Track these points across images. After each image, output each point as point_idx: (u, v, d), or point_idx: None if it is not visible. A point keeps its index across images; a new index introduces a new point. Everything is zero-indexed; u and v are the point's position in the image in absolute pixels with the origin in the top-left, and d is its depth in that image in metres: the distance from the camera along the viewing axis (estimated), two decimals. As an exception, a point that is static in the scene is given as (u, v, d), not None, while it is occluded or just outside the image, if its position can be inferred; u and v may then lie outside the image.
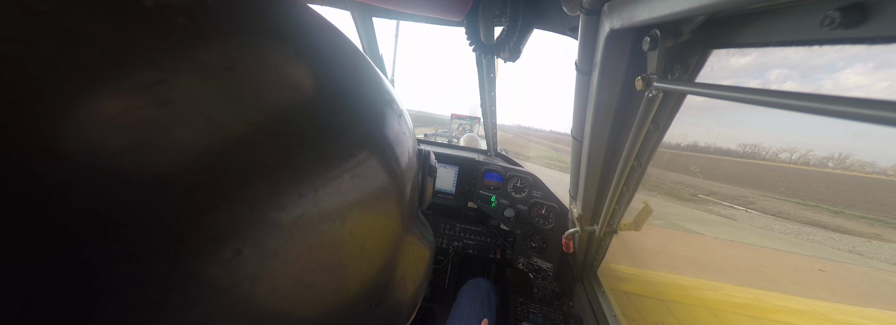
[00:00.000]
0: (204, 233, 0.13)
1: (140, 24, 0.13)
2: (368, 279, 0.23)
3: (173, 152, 0.13)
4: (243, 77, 0.15)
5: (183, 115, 0.13)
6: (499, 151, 1.64)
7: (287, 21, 0.20)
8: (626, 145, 0.61)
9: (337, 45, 0.23)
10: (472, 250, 1.42)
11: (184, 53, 0.14)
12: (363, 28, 1.03)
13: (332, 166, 0.18)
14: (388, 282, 0.26)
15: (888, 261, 7.81)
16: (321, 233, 0.18)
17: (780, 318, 1.40)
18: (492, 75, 1.17)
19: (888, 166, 52.58)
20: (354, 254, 0.21)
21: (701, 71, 0.47)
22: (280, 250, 0.16)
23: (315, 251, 0.18)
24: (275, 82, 0.17)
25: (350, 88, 0.22)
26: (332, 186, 0.18)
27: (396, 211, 0.25)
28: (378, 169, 0.22)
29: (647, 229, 0.77)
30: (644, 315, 1.17)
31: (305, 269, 0.17)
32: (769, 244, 6.85)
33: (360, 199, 0.20)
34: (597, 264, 1.05)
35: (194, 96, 0.14)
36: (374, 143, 0.22)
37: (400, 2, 0.66)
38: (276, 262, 0.16)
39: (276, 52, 0.18)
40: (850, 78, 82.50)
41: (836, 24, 0.27)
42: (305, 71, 0.19)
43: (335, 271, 0.19)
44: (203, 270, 0.13)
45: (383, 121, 0.24)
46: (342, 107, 0.20)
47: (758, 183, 28.02)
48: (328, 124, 0.19)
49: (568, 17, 0.64)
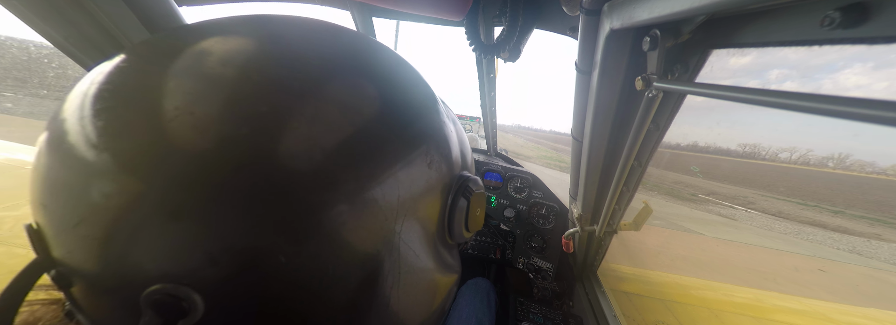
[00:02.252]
0: (362, 180, 0.24)
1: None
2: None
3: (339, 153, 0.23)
4: (359, 111, 0.25)
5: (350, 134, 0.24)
6: (499, 151, 1.64)
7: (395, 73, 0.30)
8: (626, 145, 0.61)
9: (410, 77, 0.31)
10: (472, 250, 1.42)
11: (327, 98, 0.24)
12: (363, 28, 1.03)
13: (402, 156, 0.26)
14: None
15: (888, 261, 7.81)
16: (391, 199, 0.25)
17: (780, 318, 1.40)
18: (492, 75, 1.17)
19: (888, 166, 52.63)
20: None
21: (701, 71, 0.47)
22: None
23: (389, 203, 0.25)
24: (371, 112, 0.26)
25: (414, 103, 0.30)
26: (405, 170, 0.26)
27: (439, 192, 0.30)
28: (437, 160, 0.29)
29: (647, 229, 0.77)
30: (644, 315, 1.17)
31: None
32: (769, 244, 6.85)
33: (415, 179, 0.27)
34: (597, 264, 1.05)
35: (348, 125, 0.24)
36: (428, 135, 0.29)
37: (400, 2, 0.66)
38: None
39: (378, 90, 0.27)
40: (849, 78, 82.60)
41: (836, 24, 0.27)
42: (379, 97, 0.27)
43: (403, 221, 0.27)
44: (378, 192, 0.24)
45: (436, 124, 0.31)
46: (404, 118, 0.28)
47: (758, 183, 28.04)
48: (391, 132, 0.26)
49: (568, 17, 0.64)
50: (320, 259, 0.22)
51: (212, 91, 0.21)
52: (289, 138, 0.21)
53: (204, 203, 0.20)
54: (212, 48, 0.23)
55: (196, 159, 0.20)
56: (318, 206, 0.21)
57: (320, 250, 0.22)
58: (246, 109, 0.21)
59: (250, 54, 0.23)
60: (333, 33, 0.29)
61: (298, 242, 0.21)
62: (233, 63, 0.22)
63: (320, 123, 0.22)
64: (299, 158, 0.21)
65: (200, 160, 0.20)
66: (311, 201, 0.21)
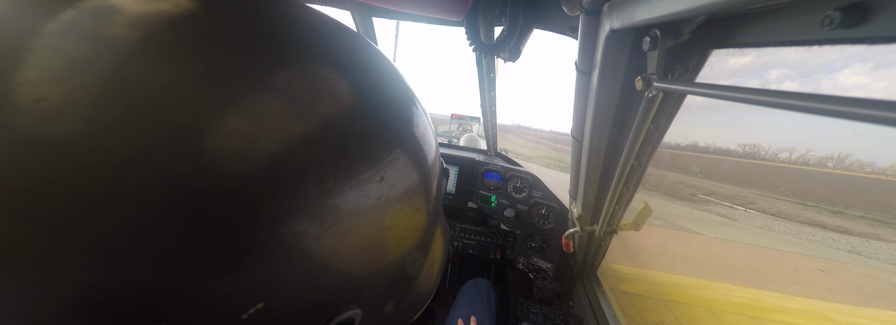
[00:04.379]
0: (282, 209, 0.17)
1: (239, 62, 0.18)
2: (395, 261, 0.26)
3: (262, 156, 0.17)
4: (300, 97, 0.19)
5: (267, 127, 0.17)
6: (499, 151, 1.64)
7: (325, 43, 0.23)
8: (626, 145, 0.61)
9: (369, 57, 0.25)
10: (472, 250, 1.42)
11: (264, 84, 0.18)
12: (363, 28, 1.03)
13: (371, 163, 0.21)
14: (421, 263, 0.30)
15: (887, 261, 7.82)
16: (362, 216, 0.21)
17: (780, 318, 1.40)
18: (492, 75, 1.17)
19: (887, 166, 52.66)
20: (391, 235, 0.24)
21: (701, 71, 0.47)
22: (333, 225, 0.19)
23: (355, 231, 0.21)
24: (321, 97, 0.20)
25: (382, 93, 0.24)
26: (374, 179, 0.21)
27: (424, 204, 0.27)
28: (409, 166, 0.24)
29: (646, 229, 0.77)
30: (644, 315, 1.17)
31: (351, 244, 0.21)
32: (769, 244, 6.85)
33: (396, 191, 0.23)
34: (597, 264, 1.05)
35: (272, 116, 0.18)
36: (405, 142, 0.24)
37: (400, 2, 0.66)
38: (331, 233, 0.19)
39: (322, 71, 0.21)
40: (849, 78, 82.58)
41: (836, 24, 0.27)
42: (345, 84, 0.22)
43: (377, 245, 0.23)
44: (284, 232, 0.17)
45: (411, 121, 0.26)
46: (376, 112, 0.23)
47: (757, 183, 28.05)
48: (365, 128, 0.22)
49: (568, 17, 0.64)
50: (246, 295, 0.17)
51: (94, 61, 0.15)
52: (211, 132, 0.16)
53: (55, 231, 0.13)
54: (129, 6, 0.17)
55: (42, 160, 0.13)
56: (250, 224, 0.16)
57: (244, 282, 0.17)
58: (135, 92, 0.15)
59: (173, 19, 0.17)
60: (305, 12, 0.23)
61: (222, 272, 0.16)
62: (145, 27, 0.16)
63: (260, 115, 0.17)
64: (229, 159, 0.16)
65: (51, 162, 0.13)
66: (242, 217, 0.16)
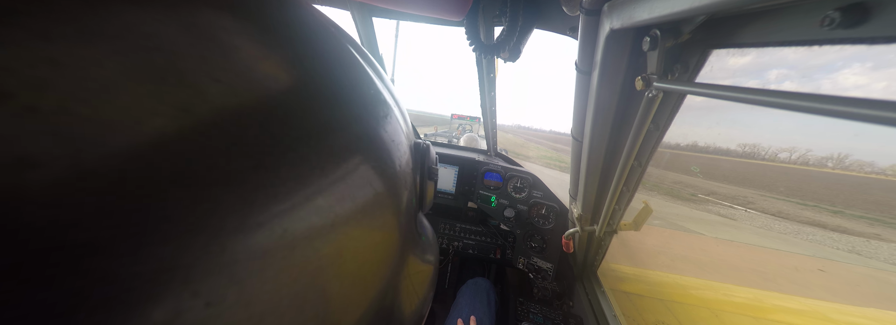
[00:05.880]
0: (141, 270, 0.09)
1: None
2: (366, 308, 0.19)
3: (94, 155, 0.09)
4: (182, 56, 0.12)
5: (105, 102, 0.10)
6: (499, 151, 1.64)
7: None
8: (626, 145, 0.61)
9: (323, 38, 0.19)
10: (472, 250, 1.43)
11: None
12: (363, 28, 1.03)
13: (315, 175, 0.14)
14: (391, 306, 0.22)
15: (887, 261, 7.82)
16: (304, 259, 0.14)
17: (780, 318, 1.40)
18: (492, 75, 1.17)
19: (887, 166, 52.69)
20: (347, 279, 0.17)
21: (701, 71, 0.47)
22: (250, 290, 0.12)
23: (294, 284, 0.14)
24: (235, 67, 0.13)
25: (334, 81, 0.18)
26: (315, 199, 0.14)
27: (394, 224, 0.21)
28: (369, 177, 0.18)
29: (646, 229, 0.77)
30: (644, 315, 1.17)
31: (283, 305, 0.13)
32: (769, 244, 6.85)
33: (350, 214, 0.16)
34: (597, 264, 1.05)
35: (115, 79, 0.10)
36: (364, 146, 0.18)
37: (400, 2, 0.66)
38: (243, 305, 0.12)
39: (240, 29, 0.14)
40: (848, 78, 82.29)
41: (836, 24, 0.27)
42: (279, 59, 0.15)
43: (324, 303, 0.16)
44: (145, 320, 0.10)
45: (374, 119, 0.20)
46: (324, 104, 0.16)
47: (757, 183, 28.07)
48: (308, 123, 0.15)
49: (568, 17, 0.64)
50: None
51: None
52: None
53: None
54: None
55: None
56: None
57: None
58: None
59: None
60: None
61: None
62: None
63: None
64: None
65: None
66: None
